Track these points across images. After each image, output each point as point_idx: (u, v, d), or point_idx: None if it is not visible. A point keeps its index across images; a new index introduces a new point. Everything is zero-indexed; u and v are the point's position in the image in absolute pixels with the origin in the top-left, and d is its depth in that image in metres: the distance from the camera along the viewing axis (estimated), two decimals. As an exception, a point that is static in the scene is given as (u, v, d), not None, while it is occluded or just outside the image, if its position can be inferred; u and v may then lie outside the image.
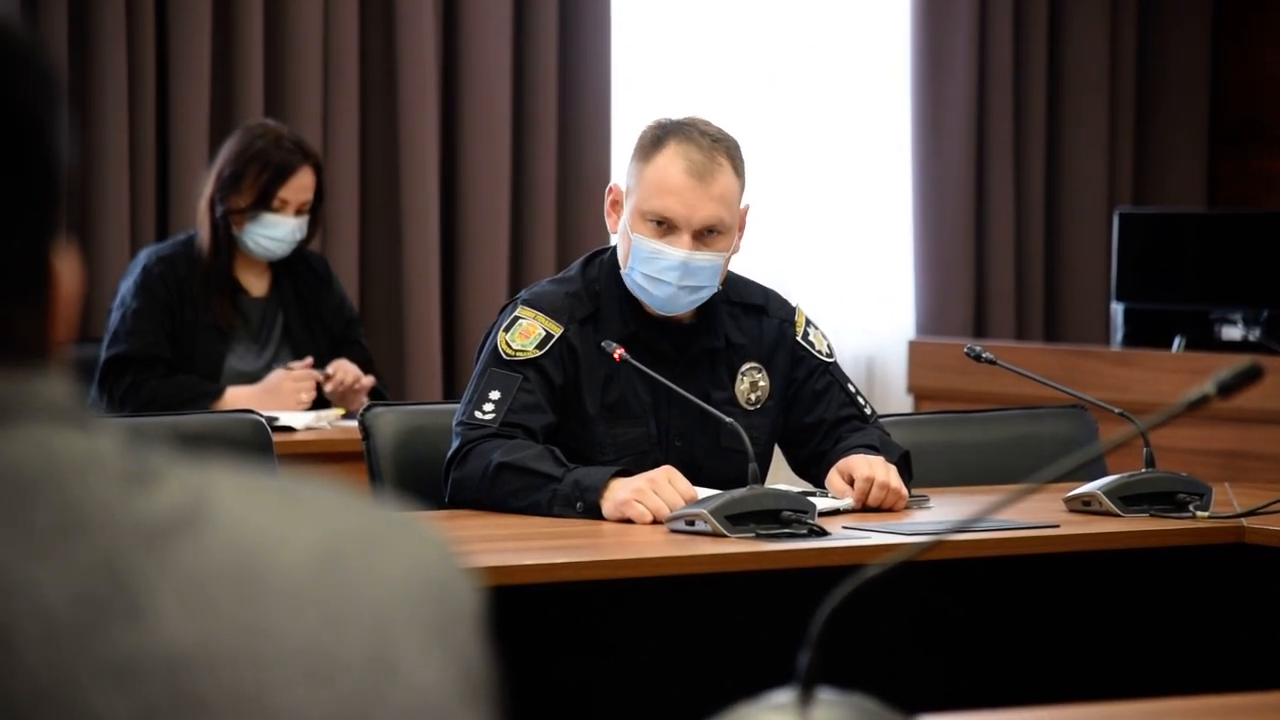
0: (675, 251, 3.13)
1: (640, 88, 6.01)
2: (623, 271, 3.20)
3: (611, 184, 3.25)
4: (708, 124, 3.19)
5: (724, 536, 2.86)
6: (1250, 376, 1.89)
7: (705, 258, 3.15)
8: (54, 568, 0.82)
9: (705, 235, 3.15)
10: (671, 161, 3.13)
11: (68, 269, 0.91)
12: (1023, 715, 1.97)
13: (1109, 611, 3.14)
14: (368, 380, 4.49)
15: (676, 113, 3.25)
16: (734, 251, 3.23)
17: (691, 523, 2.89)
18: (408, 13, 5.52)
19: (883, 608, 2.93)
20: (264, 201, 4.43)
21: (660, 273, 3.14)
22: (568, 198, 5.81)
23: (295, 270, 4.57)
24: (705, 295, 3.20)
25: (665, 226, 3.14)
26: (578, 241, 5.70)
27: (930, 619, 3.04)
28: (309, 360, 4.48)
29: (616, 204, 3.22)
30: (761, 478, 3.08)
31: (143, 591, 0.82)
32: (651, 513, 2.95)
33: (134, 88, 5.16)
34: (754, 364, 3.30)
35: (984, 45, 6.43)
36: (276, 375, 4.45)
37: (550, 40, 5.72)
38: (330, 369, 4.48)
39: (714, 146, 3.14)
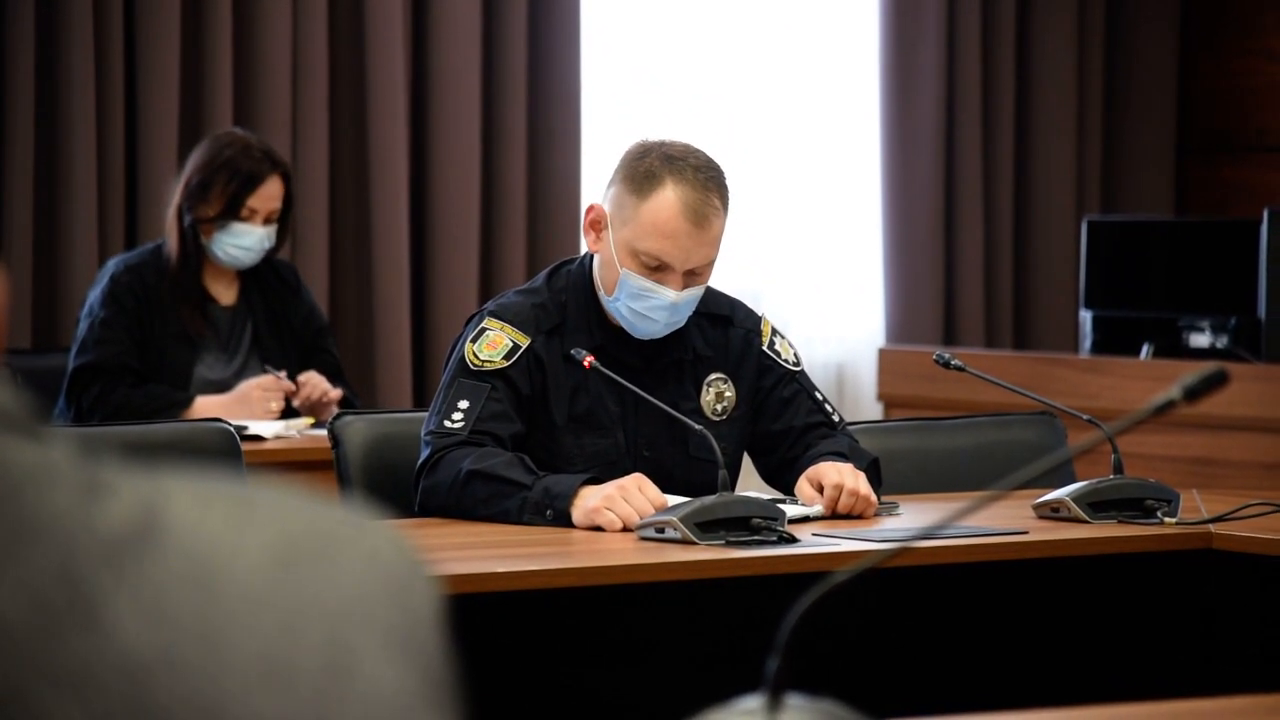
0: (667, 292, 3.14)
1: (610, 97, 6.01)
2: (604, 297, 3.20)
3: (592, 204, 3.23)
4: (697, 154, 3.17)
5: (694, 544, 2.86)
6: (1216, 381, 1.90)
7: (692, 293, 3.17)
8: (8, 578, 0.81)
9: (693, 273, 3.16)
10: (669, 204, 3.12)
11: None
12: (991, 721, 1.97)
13: (1077, 617, 3.14)
14: (335, 393, 4.48)
15: (658, 133, 3.24)
16: None
17: (661, 530, 2.89)
18: (377, 22, 5.52)
19: (852, 614, 2.93)
20: (232, 210, 4.42)
21: (650, 311, 3.16)
22: (537, 207, 5.81)
23: (264, 279, 4.56)
24: (683, 321, 3.22)
25: (657, 266, 3.15)
26: (548, 251, 5.70)
27: (900, 625, 3.04)
28: (282, 373, 4.46)
29: (597, 224, 3.20)
30: (731, 486, 3.08)
31: (99, 601, 0.82)
32: (621, 520, 2.95)
33: (102, 97, 5.14)
34: (719, 375, 3.31)
35: (952, 54, 6.45)
36: (246, 384, 4.44)
37: (520, 48, 5.72)
38: (300, 380, 4.47)
39: (708, 185, 3.13)
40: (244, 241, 4.44)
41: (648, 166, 3.14)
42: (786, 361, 3.36)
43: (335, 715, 0.84)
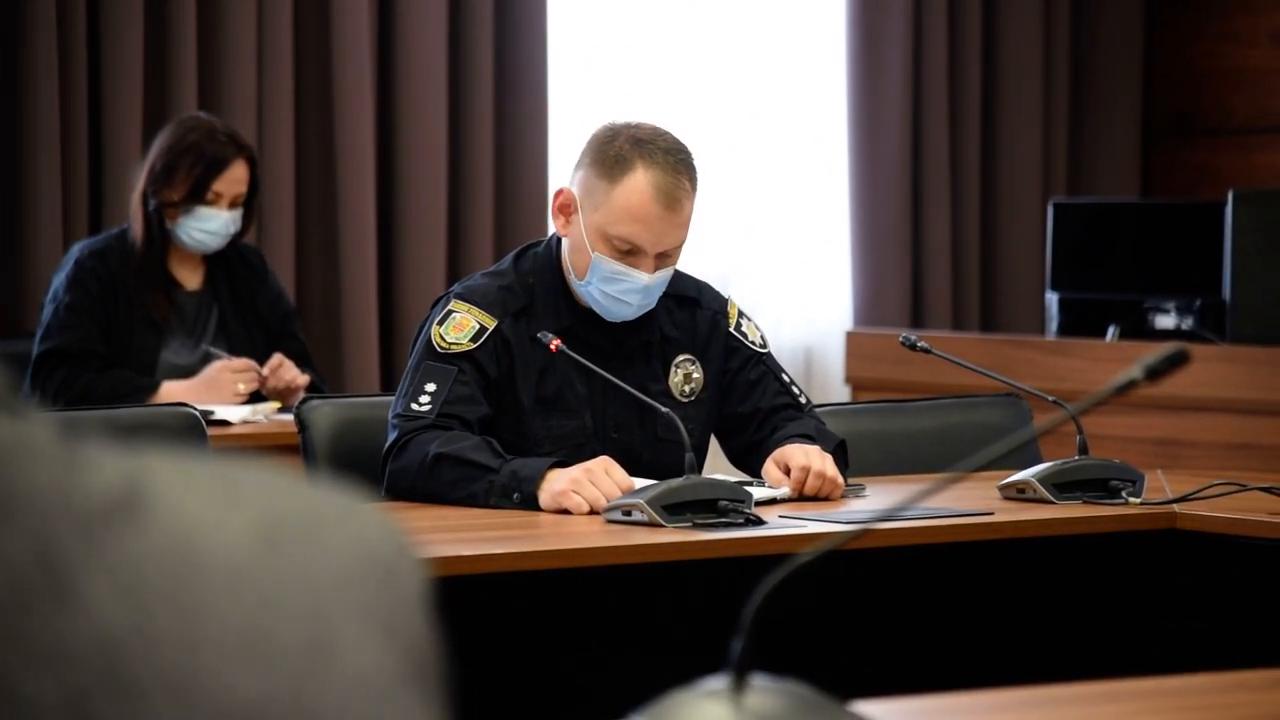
0: (640, 276, 3.15)
1: (577, 81, 6.01)
2: (574, 281, 3.20)
3: (561, 188, 3.23)
4: (665, 136, 3.18)
5: (661, 526, 2.86)
6: (1177, 361, 1.91)
7: (664, 275, 3.18)
8: None
9: (664, 255, 3.17)
10: (641, 189, 3.12)
11: None
12: (956, 700, 1.98)
13: (1043, 598, 3.16)
14: (303, 379, 4.47)
15: (625, 115, 3.24)
16: None
17: (628, 513, 2.90)
18: (343, 5, 5.50)
19: (818, 595, 2.94)
20: (197, 194, 4.41)
21: (623, 294, 3.17)
22: (505, 191, 5.80)
23: (230, 264, 4.55)
24: (653, 303, 3.23)
25: (630, 250, 3.15)
26: (515, 235, 5.69)
27: (866, 606, 3.05)
28: (248, 363, 4.45)
29: (566, 208, 3.20)
30: (698, 468, 3.08)
31: (74, 575, 0.82)
32: (588, 503, 2.95)
33: (66, 81, 5.12)
34: (687, 356, 3.32)
35: (919, 36, 6.46)
36: (213, 366, 4.43)
37: (486, 31, 5.72)
38: (268, 367, 4.46)
39: (678, 168, 3.14)
40: (209, 226, 4.43)
41: (617, 150, 3.14)
42: (753, 343, 3.37)
43: (314, 692, 0.84)
